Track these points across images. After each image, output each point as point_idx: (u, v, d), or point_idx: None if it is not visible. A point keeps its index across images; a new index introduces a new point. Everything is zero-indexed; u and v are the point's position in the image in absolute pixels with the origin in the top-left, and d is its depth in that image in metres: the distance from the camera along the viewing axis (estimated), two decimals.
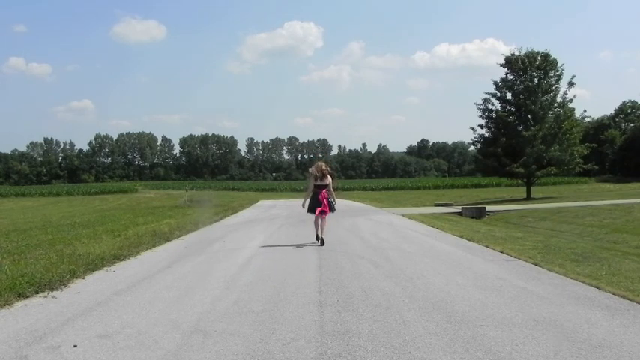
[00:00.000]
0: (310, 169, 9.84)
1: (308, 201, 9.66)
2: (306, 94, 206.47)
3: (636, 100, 70.20)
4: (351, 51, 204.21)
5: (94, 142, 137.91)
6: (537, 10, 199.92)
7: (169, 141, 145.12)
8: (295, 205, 24.29)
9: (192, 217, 16.45)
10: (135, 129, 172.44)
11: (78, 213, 25.85)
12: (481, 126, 31.89)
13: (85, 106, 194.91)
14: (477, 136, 32.50)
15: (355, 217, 16.81)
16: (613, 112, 72.40)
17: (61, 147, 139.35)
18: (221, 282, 6.03)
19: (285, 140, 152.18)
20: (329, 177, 9.65)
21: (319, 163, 9.87)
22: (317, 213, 9.35)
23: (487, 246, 9.13)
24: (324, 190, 9.56)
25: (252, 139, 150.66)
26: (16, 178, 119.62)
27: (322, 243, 9.20)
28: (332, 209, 9.66)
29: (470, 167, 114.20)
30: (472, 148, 43.56)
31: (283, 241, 10.32)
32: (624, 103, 71.72)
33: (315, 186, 9.57)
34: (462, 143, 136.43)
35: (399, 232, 12.24)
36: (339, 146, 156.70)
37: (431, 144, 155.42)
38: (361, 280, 5.93)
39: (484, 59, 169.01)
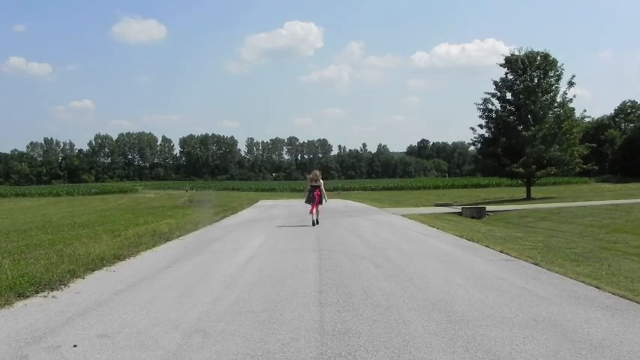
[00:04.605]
0: (309, 175, 14.68)
1: (306, 196, 14.16)
2: (306, 94, 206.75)
3: (636, 100, 70.13)
4: (351, 51, 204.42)
5: (93, 142, 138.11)
6: (537, 10, 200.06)
7: (169, 141, 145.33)
8: (295, 205, 24.36)
9: (192, 217, 16.44)
10: (135, 129, 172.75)
11: (78, 213, 25.83)
12: (481, 126, 31.83)
13: (85, 106, 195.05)
14: (476, 136, 32.43)
15: (355, 217, 16.81)
16: (613, 112, 72.41)
17: (61, 147, 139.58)
18: (221, 282, 6.03)
19: (285, 140, 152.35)
20: (321, 180, 14.16)
21: (315, 171, 14.58)
22: (311, 207, 13.68)
23: (487, 246, 9.13)
24: (317, 189, 13.88)
25: (252, 139, 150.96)
26: (16, 178, 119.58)
27: (317, 223, 13.24)
28: (321, 202, 14.04)
29: (470, 167, 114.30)
30: (472, 148, 43.40)
31: (283, 241, 10.33)
32: (624, 103, 71.63)
33: (311, 186, 14.01)
34: (462, 143, 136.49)
35: (399, 232, 12.23)
36: (339, 146, 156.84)
37: (431, 144, 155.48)
38: (361, 280, 5.93)
39: (484, 59, 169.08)
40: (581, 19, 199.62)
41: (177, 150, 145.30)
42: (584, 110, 38.46)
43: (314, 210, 13.56)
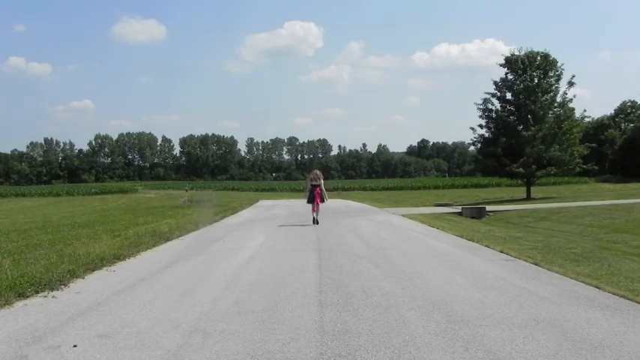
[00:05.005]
0: (309, 175, 15.10)
1: (308, 195, 14.43)
2: (306, 94, 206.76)
3: (636, 100, 70.11)
4: (351, 51, 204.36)
5: (93, 142, 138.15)
6: (537, 10, 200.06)
7: (169, 141, 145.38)
8: (295, 205, 24.37)
9: (192, 217, 16.44)
10: (135, 129, 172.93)
11: (78, 213, 25.83)
12: (481, 126, 31.83)
13: (85, 106, 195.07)
14: (476, 136, 32.43)
15: (355, 217, 16.81)
16: (613, 112, 72.41)
17: (61, 147, 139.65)
18: (221, 282, 6.03)
19: (285, 140, 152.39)
20: (321, 179, 14.44)
21: (315, 170, 14.91)
22: (312, 207, 14.07)
23: (487, 246, 9.13)
24: (317, 188, 14.17)
25: (252, 139, 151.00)
26: (16, 178, 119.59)
27: (317, 222, 13.43)
28: (322, 200, 14.34)
29: (470, 167, 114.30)
30: (472, 148, 43.43)
31: (283, 241, 10.33)
32: (624, 103, 71.63)
33: (312, 185, 14.31)
34: (462, 143, 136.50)
35: (399, 232, 12.23)
36: (339, 146, 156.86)
37: (431, 144, 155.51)
38: (361, 280, 5.93)
39: (484, 59, 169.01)
40: (581, 19, 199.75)
41: (177, 150, 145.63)
42: (584, 110, 38.49)
43: (315, 209, 13.93)
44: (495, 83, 30.88)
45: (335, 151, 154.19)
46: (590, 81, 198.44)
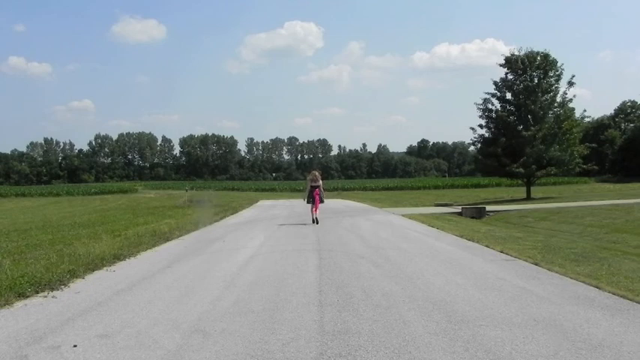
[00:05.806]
0: (308, 176, 15.33)
1: (307, 196, 14.61)
2: (306, 94, 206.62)
3: (636, 100, 70.24)
4: (351, 51, 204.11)
5: (93, 142, 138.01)
6: (537, 10, 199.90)
7: (169, 141, 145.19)
8: (295, 205, 24.38)
9: (192, 217, 16.44)
10: (135, 129, 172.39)
11: (78, 213, 25.83)
12: (481, 126, 31.84)
13: (85, 106, 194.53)
14: (476, 136, 32.45)
15: (355, 217, 16.82)
16: (613, 112, 72.48)
17: (61, 147, 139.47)
18: (221, 282, 6.03)
19: (285, 140, 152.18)
20: (320, 180, 14.63)
21: (314, 171, 15.16)
22: (312, 207, 14.24)
23: (487, 246, 9.13)
24: (317, 189, 14.34)
25: (252, 139, 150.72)
26: (16, 178, 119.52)
27: (317, 222, 13.62)
28: (321, 201, 14.50)
29: (470, 167, 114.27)
30: (472, 148, 43.57)
31: (283, 240, 10.33)
32: (624, 103, 71.74)
33: (311, 186, 14.47)
34: (462, 143, 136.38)
35: (399, 232, 12.23)
36: (339, 146, 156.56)
37: (431, 144, 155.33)
38: (361, 280, 5.93)
39: (484, 59, 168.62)
40: (581, 19, 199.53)
41: (177, 150, 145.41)
42: (584, 110, 38.44)
43: (314, 209, 14.03)
44: (495, 83, 30.90)
45: (335, 151, 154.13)
46: (590, 81, 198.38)
